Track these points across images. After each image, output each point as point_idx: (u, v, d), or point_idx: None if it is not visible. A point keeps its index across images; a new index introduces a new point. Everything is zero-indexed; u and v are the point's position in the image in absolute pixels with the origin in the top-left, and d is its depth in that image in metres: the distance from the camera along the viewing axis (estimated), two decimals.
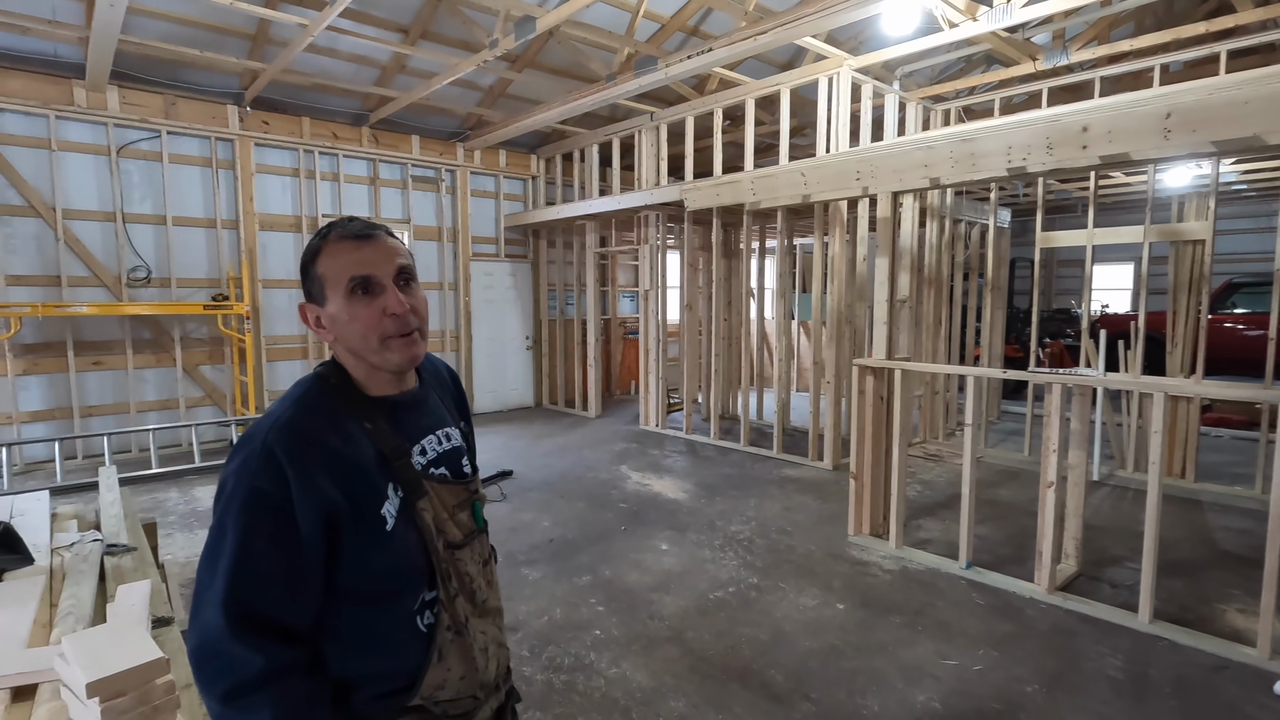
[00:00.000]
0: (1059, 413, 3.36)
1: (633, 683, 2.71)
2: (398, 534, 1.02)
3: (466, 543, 1.13)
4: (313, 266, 1.05)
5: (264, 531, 0.93)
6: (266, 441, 0.96)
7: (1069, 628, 3.16)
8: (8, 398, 5.75)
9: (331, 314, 1.04)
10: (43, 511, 2.78)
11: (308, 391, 1.05)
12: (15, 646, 1.72)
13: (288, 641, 0.95)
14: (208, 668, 0.92)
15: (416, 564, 1.05)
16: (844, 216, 5.92)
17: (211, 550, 0.95)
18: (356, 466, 1.00)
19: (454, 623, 1.08)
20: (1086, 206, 12.52)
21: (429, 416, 1.17)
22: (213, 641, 0.91)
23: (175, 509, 4.91)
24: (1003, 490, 5.32)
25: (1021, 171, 3.35)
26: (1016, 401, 8.90)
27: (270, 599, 0.94)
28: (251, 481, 0.94)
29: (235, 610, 0.91)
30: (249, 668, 0.90)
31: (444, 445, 1.17)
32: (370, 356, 1.05)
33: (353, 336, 1.04)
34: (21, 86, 5.68)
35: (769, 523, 4.60)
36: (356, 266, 1.02)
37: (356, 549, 0.99)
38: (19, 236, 5.81)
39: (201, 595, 0.94)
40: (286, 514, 0.94)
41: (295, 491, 0.94)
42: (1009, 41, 5.62)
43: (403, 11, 6.24)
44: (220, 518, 0.95)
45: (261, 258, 7.01)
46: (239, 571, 0.92)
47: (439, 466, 1.14)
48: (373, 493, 1.01)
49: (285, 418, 1.00)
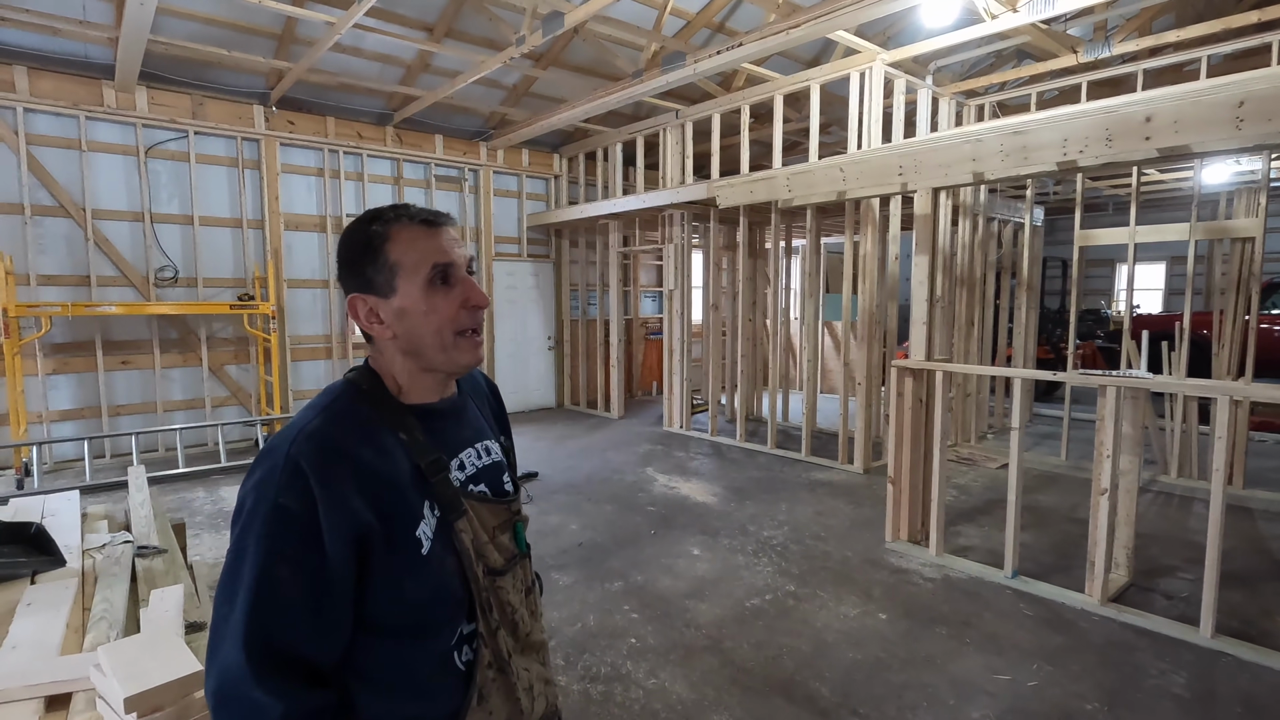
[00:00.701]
0: (1113, 416, 3.22)
1: (673, 694, 2.62)
2: (434, 558, 0.92)
3: (508, 569, 1.03)
4: (381, 253, 0.94)
5: (288, 555, 0.83)
6: (291, 454, 0.86)
7: (1125, 641, 3.02)
8: (38, 397, 5.79)
9: (399, 307, 0.94)
10: (73, 512, 2.75)
11: (337, 399, 0.95)
12: (49, 653, 1.67)
13: (313, 683, 0.84)
14: (227, 712, 0.81)
15: (455, 592, 0.94)
16: (876, 214, 5.79)
17: (230, 577, 0.85)
18: (390, 482, 0.91)
19: (495, 659, 0.98)
20: (1117, 205, 12.29)
21: (468, 428, 1.08)
22: (233, 683, 0.81)
23: (202, 509, 4.90)
24: (1042, 496, 5.16)
25: (1073, 166, 3.21)
26: (1047, 404, 8.69)
27: (295, 632, 0.83)
28: (275, 499, 0.84)
29: (257, 646, 0.81)
30: (272, 713, 0.80)
31: (484, 460, 1.07)
32: (437, 354, 0.96)
33: (425, 331, 0.94)
34: (52, 87, 5.71)
35: (802, 528, 4.49)
36: (437, 254, 0.94)
37: (389, 575, 0.88)
38: (49, 236, 5.84)
39: (219, 629, 0.84)
40: (313, 535, 0.83)
41: (323, 510, 0.84)
42: (1048, 34, 5.46)
43: (428, 9, 6.21)
44: (239, 540, 0.85)
45: (286, 257, 7.02)
46: (261, 601, 0.82)
47: (478, 483, 1.04)
48: (407, 512, 0.91)
49: (311, 427, 0.89)
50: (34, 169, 5.72)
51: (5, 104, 5.55)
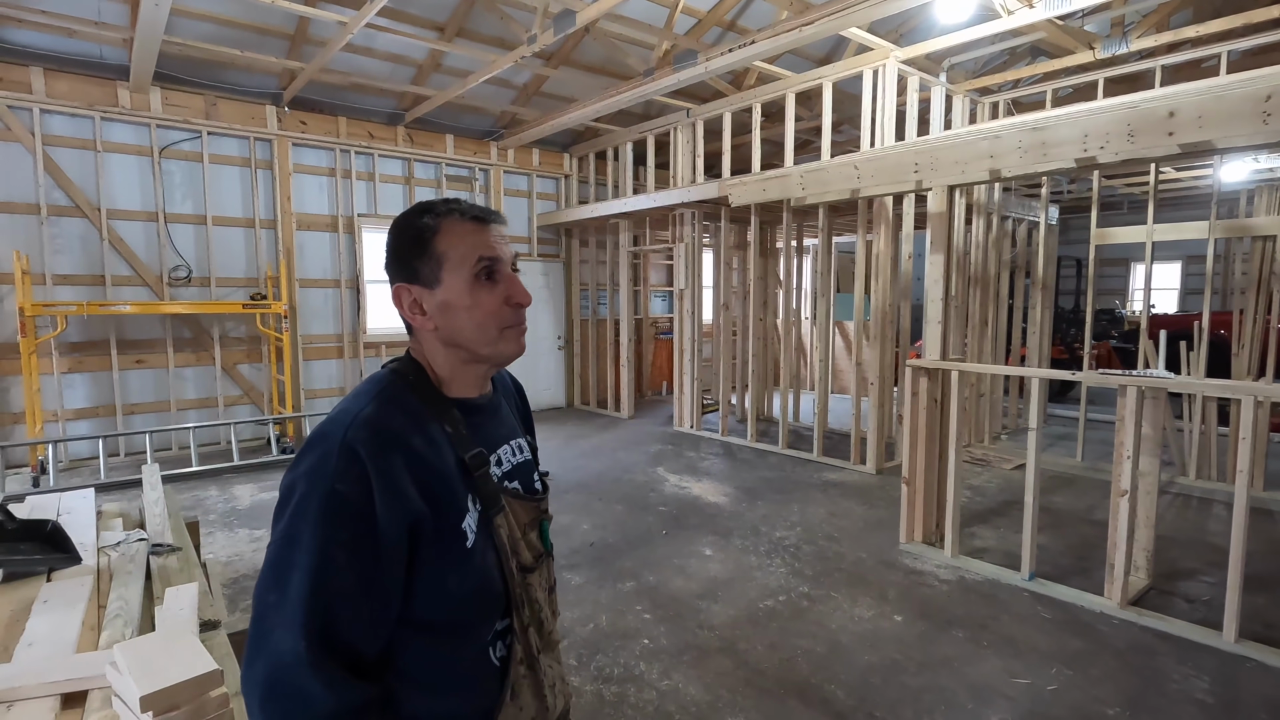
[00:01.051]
0: (1133, 417, 3.17)
1: (686, 696, 2.60)
2: (477, 552, 0.92)
3: (536, 566, 1.03)
4: (429, 245, 0.94)
5: (344, 542, 0.81)
6: (346, 440, 0.84)
7: (1146, 645, 2.97)
8: (54, 395, 5.83)
9: (444, 299, 0.95)
10: (88, 509, 2.76)
11: (387, 387, 0.94)
12: (65, 651, 1.66)
13: (360, 675, 0.83)
14: (277, 706, 0.79)
15: (494, 587, 0.94)
16: (889, 213, 5.74)
17: (279, 565, 0.82)
18: (439, 472, 0.90)
19: (526, 655, 0.98)
20: (1133, 204, 12.16)
21: (504, 425, 1.09)
22: (287, 671, 0.79)
23: (215, 507, 4.92)
24: (1057, 497, 5.10)
25: (1092, 162, 3.16)
26: (1061, 404, 8.61)
27: (350, 621, 0.82)
28: (330, 484, 0.82)
29: (316, 633, 0.79)
30: (322, 708, 0.78)
31: (517, 457, 1.08)
32: (482, 348, 0.97)
33: (469, 324, 0.95)
34: (68, 88, 5.75)
35: (815, 528, 4.45)
36: (484, 247, 0.95)
37: (434, 567, 0.88)
38: (65, 236, 5.89)
39: (267, 618, 0.81)
40: (369, 522, 0.82)
41: (378, 496, 0.82)
42: (1065, 30, 5.40)
43: (439, 9, 6.21)
44: (288, 528, 0.83)
45: (298, 257, 7.04)
46: (319, 587, 0.80)
47: (513, 480, 1.05)
48: (455, 503, 0.91)
49: (366, 414, 0.88)
50: (50, 169, 5.77)
51: (22, 105, 5.60)
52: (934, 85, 6.09)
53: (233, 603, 3.37)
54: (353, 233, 7.38)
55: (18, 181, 5.66)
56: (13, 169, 5.64)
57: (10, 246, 5.55)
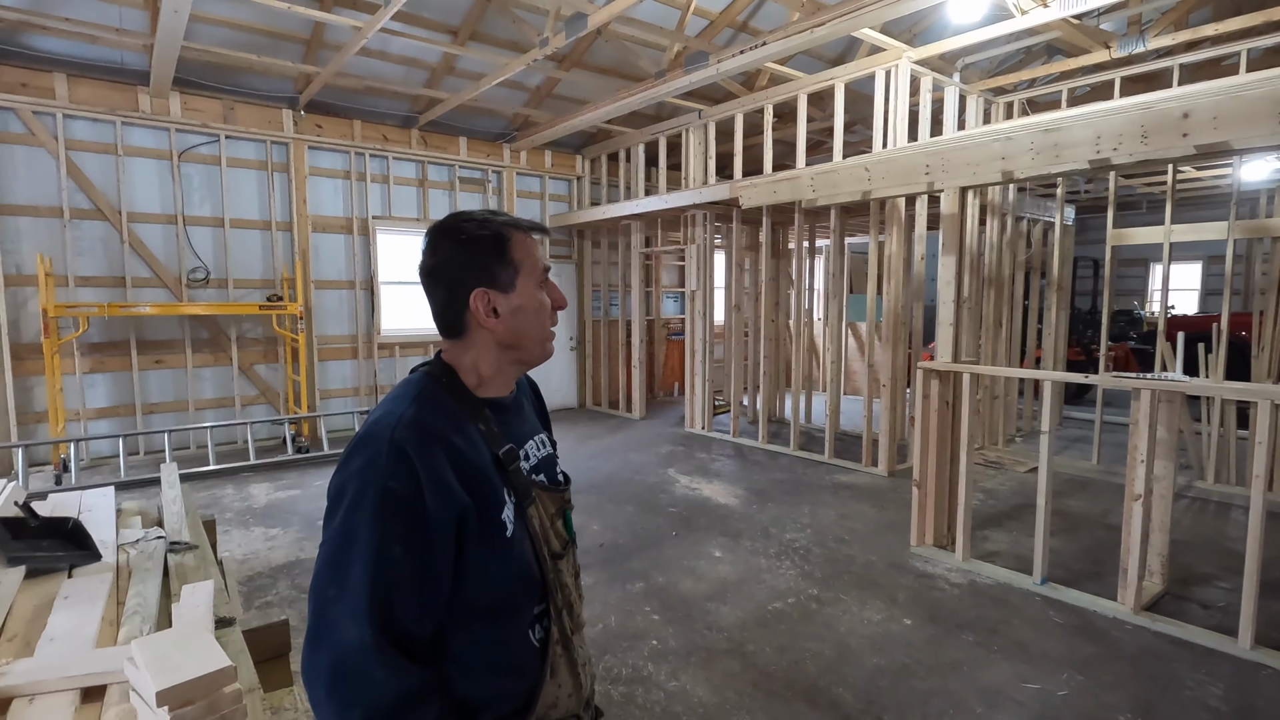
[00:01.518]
0: (1147, 420, 3.14)
1: (694, 697, 2.61)
2: (516, 540, 0.99)
3: (564, 553, 1.11)
4: (508, 252, 1.03)
5: (400, 536, 0.87)
6: (395, 440, 0.90)
7: (1160, 651, 2.94)
8: (76, 395, 5.95)
9: (517, 304, 1.03)
10: (109, 507, 2.81)
11: (425, 390, 1.01)
12: (85, 646, 1.70)
13: (417, 660, 0.88)
14: (343, 691, 0.84)
15: (532, 573, 1.02)
16: (901, 214, 5.71)
17: (338, 560, 0.88)
18: (479, 468, 0.97)
19: (562, 636, 1.05)
20: (1151, 203, 12.00)
21: (527, 423, 1.17)
22: (353, 658, 0.84)
23: (231, 506, 4.99)
24: (1072, 501, 5.05)
25: (1106, 164, 3.14)
26: (1077, 407, 8.51)
27: (409, 610, 0.88)
28: (382, 482, 0.88)
29: (380, 621, 0.85)
30: (386, 692, 0.84)
31: (541, 451, 1.16)
32: (535, 346, 1.08)
33: (532, 325, 1.05)
34: (90, 94, 5.87)
35: (825, 530, 4.45)
36: (545, 259, 1.08)
37: (479, 556, 0.94)
38: (87, 239, 6.00)
39: (328, 611, 0.87)
40: (420, 516, 0.88)
41: (428, 492, 0.89)
42: (1080, 29, 5.34)
43: (453, 13, 6.27)
44: (344, 523, 0.89)
45: (314, 259, 7.13)
46: (380, 580, 0.86)
47: (539, 473, 1.12)
48: (494, 496, 0.98)
49: (410, 415, 0.94)
50: (73, 173, 5.88)
51: (45, 110, 5.72)
52: (947, 85, 6.06)
53: (248, 600, 3.43)
54: (367, 234, 7.45)
55: (42, 185, 5.78)
56: (37, 173, 5.76)
57: (34, 249, 5.67)
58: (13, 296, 5.68)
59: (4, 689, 1.48)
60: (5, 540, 2.20)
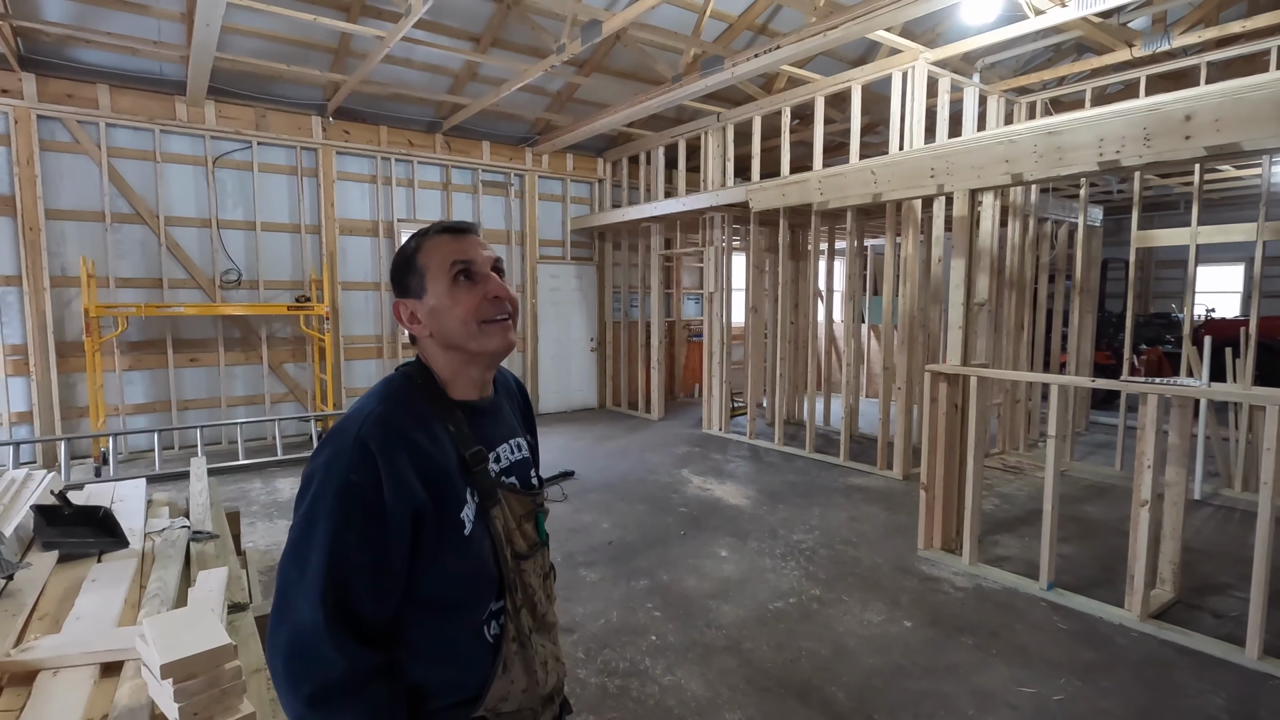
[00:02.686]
0: (1154, 425, 3.11)
1: (687, 692, 2.67)
2: (474, 539, 1.02)
3: (531, 554, 1.14)
4: (414, 260, 1.07)
5: (356, 525, 0.93)
6: (360, 435, 0.96)
7: (1164, 659, 2.91)
8: (115, 391, 6.23)
9: (431, 305, 1.06)
10: (139, 498, 2.98)
11: (397, 389, 1.06)
12: (107, 625, 1.84)
13: (370, 645, 0.94)
14: (298, 667, 0.90)
15: (488, 572, 1.05)
16: (918, 216, 5.68)
17: (300, 545, 0.94)
18: (441, 467, 1.01)
19: (518, 634, 1.08)
20: (1189, 203, 11.64)
21: (503, 425, 1.19)
22: (306, 637, 0.90)
23: (258, 499, 5.19)
24: (1090, 507, 4.98)
25: (1114, 166, 3.11)
26: (1106, 412, 8.33)
27: (361, 595, 0.93)
28: (345, 475, 0.94)
29: (332, 604, 0.90)
30: (335, 670, 0.90)
31: (515, 455, 1.18)
32: (469, 343, 1.06)
33: (453, 322, 1.05)
34: (131, 103, 6.14)
35: (833, 532, 4.46)
36: (458, 254, 1.05)
37: (435, 552, 0.98)
38: (127, 242, 6.29)
39: (289, 592, 0.94)
40: (378, 508, 0.93)
41: (387, 486, 0.94)
42: (1101, 27, 5.26)
43: (474, 20, 6.41)
44: (309, 511, 0.95)
45: (341, 261, 7.35)
46: (334, 565, 0.91)
47: (510, 475, 1.15)
48: (454, 495, 1.01)
49: (378, 413, 1.00)
50: (114, 179, 6.17)
51: (90, 119, 6.01)
52: (966, 86, 6.01)
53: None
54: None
55: (86, 191, 6.08)
56: (81, 180, 6.06)
57: (78, 252, 5.96)
58: (58, 296, 5.98)
59: (31, 662, 1.61)
60: (41, 527, 2.37)
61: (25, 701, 1.49)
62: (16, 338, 5.87)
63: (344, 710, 0.90)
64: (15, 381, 5.89)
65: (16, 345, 5.87)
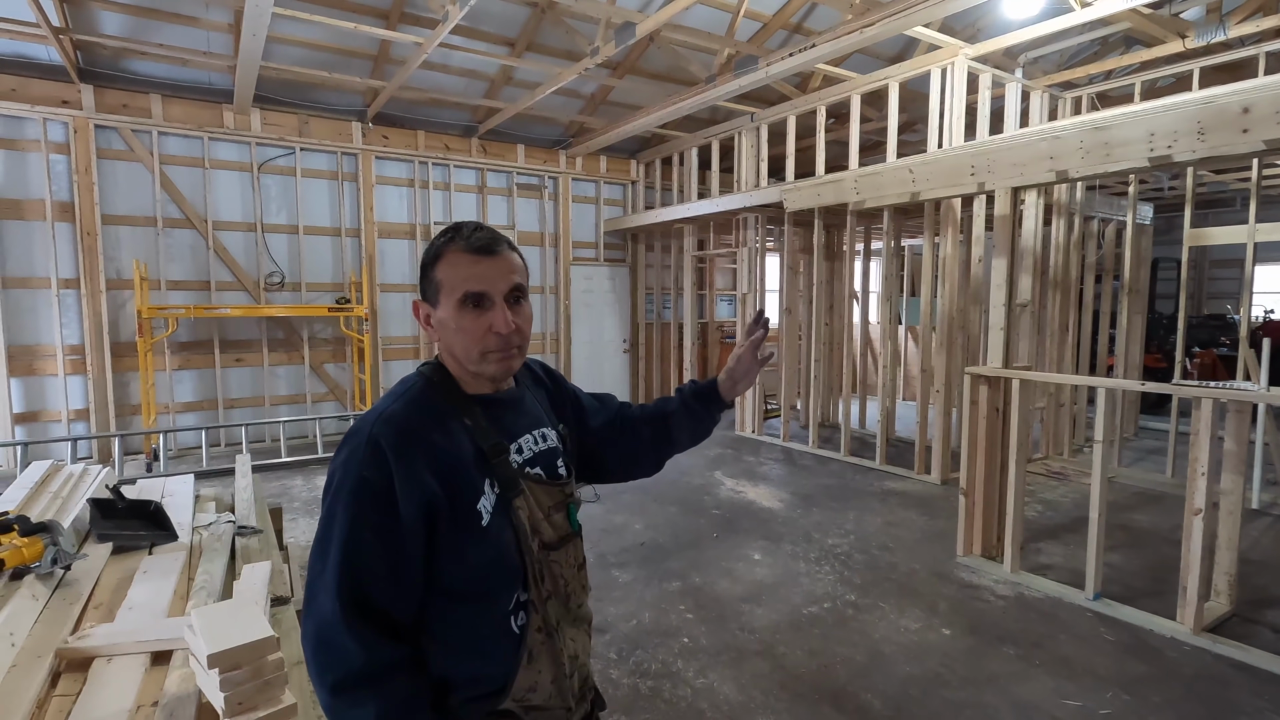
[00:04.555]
0: (1210, 431, 2.98)
1: (720, 695, 2.65)
2: (493, 530, 1.03)
3: (561, 545, 1.13)
4: (432, 269, 1.07)
5: (370, 520, 0.96)
6: (372, 434, 0.99)
7: (1219, 675, 2.79)
8: (166, 390, 6.46)
9: (440, 318, 1.07)
10: (188, 493, 3.08)
11: (411, 388, 1.09)
12: (158, 615, 1.90)
13: (394, 637, 0.96)
14: (322, 657, 0.94)
15: (512, 562, 1.05)
16: (957, 215, 5.56)
17: (322, 539, 0.98)
18: (456, 461, 1.02)
19: (545, 625, 1.08)
20: (1246, 200, 11.16)
21: (526, 416, 1.18)
22: (328, 629, 0.93)
23: (300, 495, 5.32)
24: (1139, 515, 4.81)
25: (1165, 161, 3.00)
26: (1157, 417, 8.03)
27: (377, 588, 0.95)
28: (359, 471, 0.97)
29: (348, 597, 0.93)
30: (356, 661, 0.92)
31: (540, 445, 1.17)
32: (468, 365, 1.08)
33: (455, 344, 1.07)
34: (181, 112, 6.37)
35: (869, 537, 4.39)
36: (472, 281, 1.04)
37: (453, 543, 1.00)
38: (177, 246, 6.52)
39: (314, 583, 0.97)
40: (390, 502, 0.96)
41: (398, 481, 0.96)
42: (1152, 19, 5.08)
43: (509, 25, 6.49)
44: (330, 507, 0.99)
45: (380, 263, 7.50)
46: (350, 558, 0.94)
47: (534, 466, 1.14)
48: (470, 487, 1.02)
49: (390, 412, 1.03)
50: (166, 186, 6.40)
51: (143, 128, 6.25)
52: (1008, 82, 5.86)
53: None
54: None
55: (139, 197, 6.32)
56: (135, 186, 6.30)
57: (132, 255, 6.20)
58: (113, 299, 6.23)
59: (88, 649, 1.68)
60: (96, 519, 2.47)
61: (81, 687, 1.55)
62: (75, 338, 6.13)
63: (366, 700, 0.92)
64: (74, 380, 6.15)
65: (74, 345, 6.13)
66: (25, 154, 5.89)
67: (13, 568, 1.98)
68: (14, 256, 5.89)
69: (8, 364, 5.86)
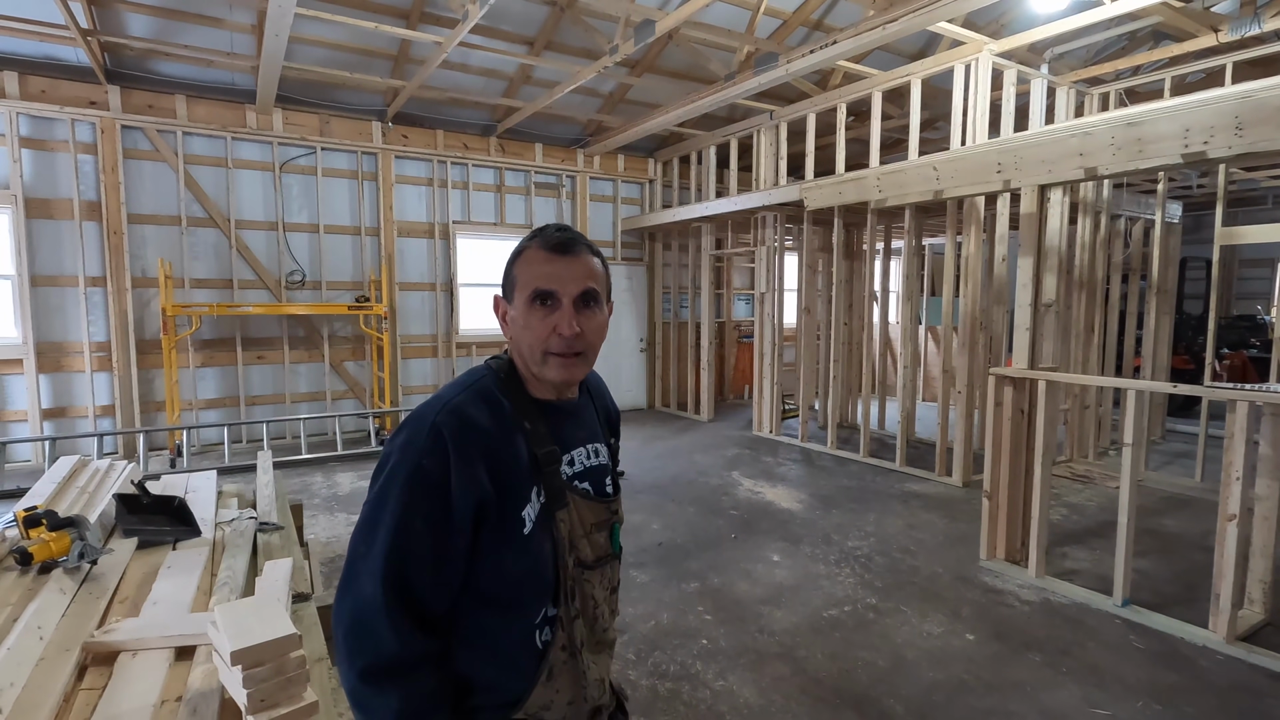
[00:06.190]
0: (1244, 434, 2.90)
1: (739, 698, 2.63)
2: (534, 540, 1.01)
3: (598, 565, 1.11)
4: (512, 266, 1.07)
5: (422, 509, 0.94)
6: (435, 422, 0.97)
7: (1253, 685, 2.72)
8: (189, 386, 6.55)
9: (513, 315, 1.07)
10: (210, 489, 3.11)
11: (479, 381, 1.07)
12: (181, 611, 1.91)
13: (426, 630, 0.95)
14: (355, 640, 0.93)
15: (546, 575, 1.04)
16: (980, 214, 5.48)
17: (370, 521, 0.96)
18: (510, 464, 1.01)
19: (569, 644, 1.06)
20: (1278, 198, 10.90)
21: (584, 429, 1.16)
22: (367, 613, 0.93)
23: (319, 492, 5.36)
24: (1168, 520, 4.70)
25: (1200, 158, 2.92)
26: (1185, 420, 7.87)
27: (421, 578, 0.94)
28: (417, 458, 0.95)
29: (391, 583, 0.93)
30: (389, 650, 0.92)
31: (591, 461, 1.15)
32: (531, 365, 1.07)
33: (524, 341, 1.06)
34: (205, 112, 6.45)
35: (890, 540, 4.33)
36: (543, 279, 1.03)
37: (494, 546, 0.98)
38: (201, 245, 6.60)
39: (356, 565, 0.96)
40: (444, 495, 0.94)
41: (454, 475, 0.95)
42: (1183, 12, 4.97)
43: (528, 24, 6.49)
44: (382, 489, 0.97)
45: (398, 262, 7.54)
46: (397, 546, 0.93)
47: (583, 481, 1.12)
48: (519, 493, 1.01)
49: (455, 402, 1.01)
50: (190, 185, 6.48)
51: (168, 128, 6.33)
52: (1034, 78, 5.75)
53: (328, 580, 3.68)
54: (448, 239, 7.81)
55: (164, 197, 6.41)
56: (160, 186, 6.39)
57: (156, 254, 6.29)
58: (138, 297, 6.32)
59: (114, 643, 1.69)
60: (122, 514, 2.49)
61: (107, 681, 1.56)
62: (101, 335, 6.23)
63: (392, 691, 0.92)
64: (100, 377, 6.25)
65: (101, 342, 6.23)
66: (54, 154, 5.99)
67: (41, 561, 2.00)
68: (43, 255, 5.99)
69: (37, 360, 5.96)
